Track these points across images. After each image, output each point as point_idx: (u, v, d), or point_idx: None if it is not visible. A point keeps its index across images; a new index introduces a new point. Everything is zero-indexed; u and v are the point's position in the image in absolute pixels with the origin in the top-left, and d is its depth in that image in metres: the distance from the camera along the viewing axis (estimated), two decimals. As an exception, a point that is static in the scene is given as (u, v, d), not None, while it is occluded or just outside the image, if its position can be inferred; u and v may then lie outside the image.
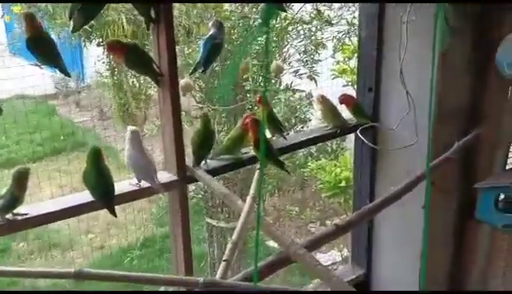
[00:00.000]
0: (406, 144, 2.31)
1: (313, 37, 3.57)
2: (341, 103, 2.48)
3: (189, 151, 2.11)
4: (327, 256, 5.52)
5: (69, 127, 7.94)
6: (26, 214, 1.71)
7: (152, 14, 1.87)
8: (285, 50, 3.68)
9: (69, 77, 1.82)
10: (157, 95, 2.02)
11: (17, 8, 6.81)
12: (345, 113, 2.57)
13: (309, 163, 5.06)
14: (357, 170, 2.77)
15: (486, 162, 2.53)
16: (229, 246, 1.48)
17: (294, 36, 3.76)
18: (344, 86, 4.59)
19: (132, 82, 8.14)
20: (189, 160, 2.09)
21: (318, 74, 3.94)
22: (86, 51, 9.60)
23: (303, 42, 3.68)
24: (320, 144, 4.38)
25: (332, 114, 2.47)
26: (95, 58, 8.15)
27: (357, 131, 2.29)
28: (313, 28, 3.59)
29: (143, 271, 4.73)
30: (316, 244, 1.65)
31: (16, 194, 1.67)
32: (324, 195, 4.95)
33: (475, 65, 2.40)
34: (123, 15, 6.75)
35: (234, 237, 1.53)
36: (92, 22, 6.79)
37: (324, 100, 2.45)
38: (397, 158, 2.50)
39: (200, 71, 2.09)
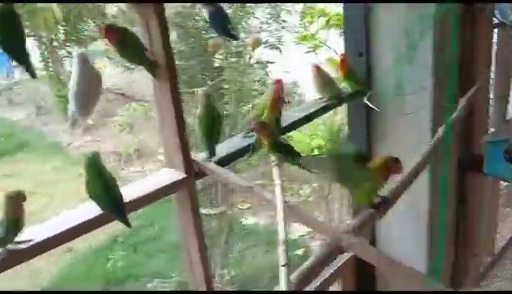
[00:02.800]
0: (407, 109, 2.24)
1: (277, 4, 3.40)
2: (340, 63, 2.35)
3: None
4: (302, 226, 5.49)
5: (6, 127, 7.36)
6: (30, 240, 1.47)
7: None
8: (249, 21, 3.48)
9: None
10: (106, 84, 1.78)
11: None
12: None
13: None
14: (352, 139, 2.67)
15: (482, 116, 2.52)
16: (281, 247, 1.34)
17: (255, 5, 3.56)
18: (307, 52, 4.49)
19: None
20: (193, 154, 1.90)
21: (282, 43, 3.79)
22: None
23: (267, 11, 3.49)
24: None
25: (328, 85, 2.34)
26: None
27: (365, 99, 2.17)
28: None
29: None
30: (361, 228, 1.54)
31: (15, 218, 1.43)
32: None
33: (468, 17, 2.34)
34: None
35: (281, 236, 1.38)
36: (20, 11, 6.29)
37: (319, 71, 2.31)
38: (396, 124, 2.43)
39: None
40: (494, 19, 2.60)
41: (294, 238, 5.19)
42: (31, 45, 7.23)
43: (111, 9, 2.78)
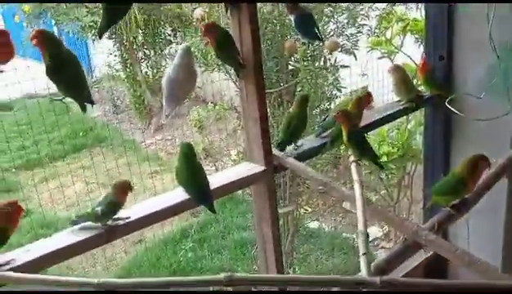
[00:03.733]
0: (489, 114, 2.19)
1: (355, 8, 3.42)
2: (420, 64, 2.35)
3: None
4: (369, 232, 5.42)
5: (86, 123, 7.82)
6: (128, 217, 1.60)
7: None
8: (326, 26, 3.52)
9: (84, 111, 1.51)
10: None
11: (27, 8, 6.66)
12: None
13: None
14: (429, 145, 2.65)
15: None
16: (361, 238, 1.38)
17: (332, 9, 3.59)
18: (380, 58, 4.46)
19: (146, 72, 8.03)
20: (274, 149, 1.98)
21: (358, 48, 3.79)
22: (92, 46, 9.48)
23: (342, 16, 3.52)
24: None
25: (406, 86, 2.35)
26: (105, 51, 8.03)
27: (446, 102, 2.16)
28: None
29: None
30: (440, 227, 1.55)
31: (116, 201, 1.57)
32: (364, 172, 4.84)
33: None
34: (134, 5, 6.61)
35: (361, 227, 1.43)
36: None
37: (398, 71, 2.32)
38: (476, 129, 2.38)
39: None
40: None
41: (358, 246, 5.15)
42: (111, 46, 7.67)
43: (197, 11, 2.92)
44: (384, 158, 4.67)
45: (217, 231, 5.34)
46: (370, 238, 5.43)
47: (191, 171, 1.70)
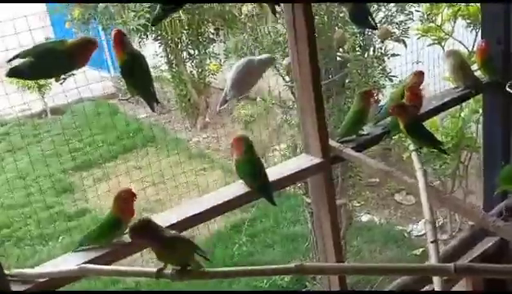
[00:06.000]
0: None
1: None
2: (478, 48, 2.29)
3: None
4: (420, 226, 5.32)
5: (134, 124, 8.04)
6: None
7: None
8: (375, 14, 3.47)
9: (153, 110, 1.57)
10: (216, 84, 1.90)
11: (77, 13, 6.90)
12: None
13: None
14: (488, 132, 2.57)
15: None
16: (428, 226, 1.36)
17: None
18: (430, 45, 4.35)
19: (190, 71, 8.16)
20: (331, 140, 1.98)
21: (408, 36, 3.71)
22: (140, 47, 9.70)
23: (391, 4, 3.45)
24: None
25: (464, 72, 2.28)
26: (150, 54, 8.21)
27: (507, 86, 2.08)
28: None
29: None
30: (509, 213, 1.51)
31: (117, 217, 1.54)
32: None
33: None
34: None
35: (428, 216, 1.41)
36: (149, 17, 6.84)
37: (455, 55, 2.26)
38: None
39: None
40: None
41: (412, 238, 5.06)
42: (157, 48, 7.84)
43: (245, 7, 2.96)
44: (437, 148, 4.57)
45: (267, 226, 5.38)
46: (423, 232, 5.32)
47: (253, 164, 1.72)
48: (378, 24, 3.23)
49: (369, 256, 4.64)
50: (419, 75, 2.04)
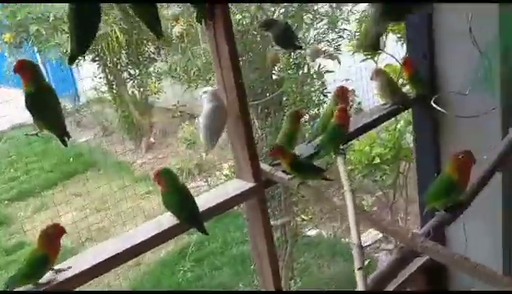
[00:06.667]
0: (476, 110, 2.17)
1: (334, 13, 3.41)
2: (403, 64, 2.33)
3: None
4: (366, 236, 5.38)
5: (75, 149, 7.76)
6: (68, 268, 1.48)
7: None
8: (306, 33, 3.51)
9: (66, 145, 1.42)
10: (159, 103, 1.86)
11: (7, 37, 6.61)
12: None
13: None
14: (419, 145, 2.63)
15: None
16: (356, 251, 1.34)
17: (312, 16, 3.58)
18: (363, 60, 4.45)
19: (132, 92, 7.99)
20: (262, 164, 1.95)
21: (341, 53, 3.78)
22: (77, 70, 9.43)
23: (323, 22, 3.51)
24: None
25: (391, 89, 2.32)
26: (89, 74, 7.98)
27: (431, 101, 2.13)
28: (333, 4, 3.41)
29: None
30: (435, 232, 1.51)
31: (43, 254, 1.44)
32: (358, 175, 4.81)
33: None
34: (115, 27, 6.59)
35: (355, 240, 1.39)
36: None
37: (382, 74, 2.29)
38: (464, 126, 2.36)
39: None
40: None
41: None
42: (96, 69, 7.62)
43: (176, 28, 2.91)
44: (377, 160, 4.66)
45: (215, 247, 5.28)
46: (371, 242, 5.39)
47: (178, 195, 1.66)
48: (311, 43, 3.28)
49: (317, 271, 4.64)
50: (342, 91, 2.05)
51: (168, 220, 1.70)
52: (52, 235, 1.47)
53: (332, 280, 4.42)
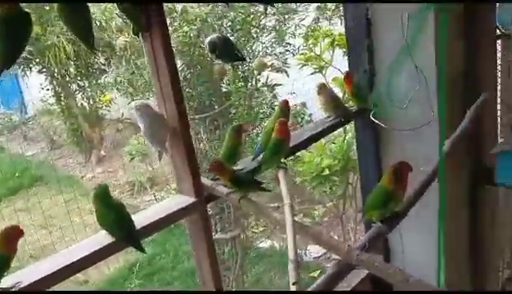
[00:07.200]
0: (414, 123, 2.25)
1: (281, 27, 3.45)
2: (344, 79, 2.38)
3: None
4: (317, 248, 5.43)
5: (21, 163, 7.47)
6: (18, 283, 1.42)
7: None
8: (254, 46, 3.54)
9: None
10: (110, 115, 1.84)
11: None
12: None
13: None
14: (362, 157, 2.68)
15: (490, 127, 2.51)
16: (291, 266, 1.34)
17: (259, 30, 3.61)
18: (312, 73, 4.52)
19: (81, 104, 7.79)
20: (203, 178, 1.93)
21: (289, 66, 3.83)
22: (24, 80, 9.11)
23: (270, 36, 3.55)
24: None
25: (334, 103, 2.37)
26: (37, 86, 7.74)
27: (370, 115, 2.18)
28: (280, 18, 3.46)
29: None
30: (371, 244, 1.53)
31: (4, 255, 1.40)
32: (309, 187, 4.86)
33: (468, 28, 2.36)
34: (62, 37, 6.42)
35: (291, 255, 1.39)
36: (31, 49, 6.46)
37: (324, 89, 2.34)
38: (404, 138, 2.43)
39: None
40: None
41: (309, 261, 5.15)
42: (43, 80, 7.39)
43: (119, 44, 2.87)
44: (327, 171, 4.72)
45: (166, 262, 5.19)
46: (322, 253, 5.44)
47: (112, 213, 1.61)
48: (259, 56, 3.30)
49: (268, 283, 4.64)
50: (285, 104, 2.07)
51: (104, 238, 1.64)
52: (11, 236, 1.43)
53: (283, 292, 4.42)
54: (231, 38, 2.26)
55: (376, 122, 2.17)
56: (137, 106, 1.79)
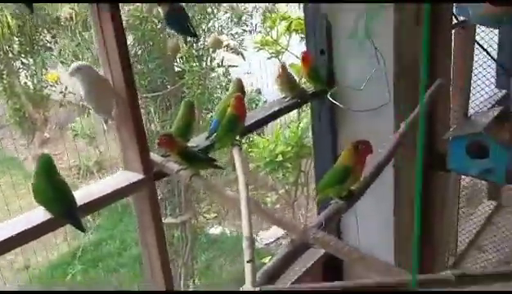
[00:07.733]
0: (371, 105, 2.23)
1: (239, 6, 3.35)
2: (302, 60, 2.32)
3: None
4: (271, 232, 5.41)
5: (-41, 144, 7.02)
6: None
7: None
8: (210, 24, 3.41)
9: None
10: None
11: None
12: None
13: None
14: (317, 139, 2.64)
15: (444, 113, 2.53)
16: (246, 243, 1.26)
17: (215, 8, 3.49)
18: (269, 58, 4.45)
19: (25, 83, 7.38)
20: (153, 154, 1.82)
21: (245, 48, 3.75)
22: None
23: (227, 14, 3.44)
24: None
25: (291, 84, 2.31)
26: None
27: (328, 95, 2.13)
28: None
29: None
30: (328, 222, 1.48)
31: None
32: (262, 172, 4.81)
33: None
34: (6, 11, 6.03)
35: (246, 233, 1.31)
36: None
37: (283, 70, 2.27)
38: (360, 120, 2.40)
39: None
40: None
41: (261, 247, 5.12)
42: (-16, 56, 6.93)
43: (64, 13, 2.68)
44: (280, 157, 4.69)
45: (113, 248, 5.01)
46: (273, 239, 5.43)
47: (52, 187, 1.47)
48: (212, 33, 3.19)
49: (218, 269, 4.57)
50: (239, 82, 1.99)
51: (41, 214, 1.51)
52: None
53: (233, 279, 4.36)
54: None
55: (334, 101, 2.12)
56: (79, 66, 1.64)
